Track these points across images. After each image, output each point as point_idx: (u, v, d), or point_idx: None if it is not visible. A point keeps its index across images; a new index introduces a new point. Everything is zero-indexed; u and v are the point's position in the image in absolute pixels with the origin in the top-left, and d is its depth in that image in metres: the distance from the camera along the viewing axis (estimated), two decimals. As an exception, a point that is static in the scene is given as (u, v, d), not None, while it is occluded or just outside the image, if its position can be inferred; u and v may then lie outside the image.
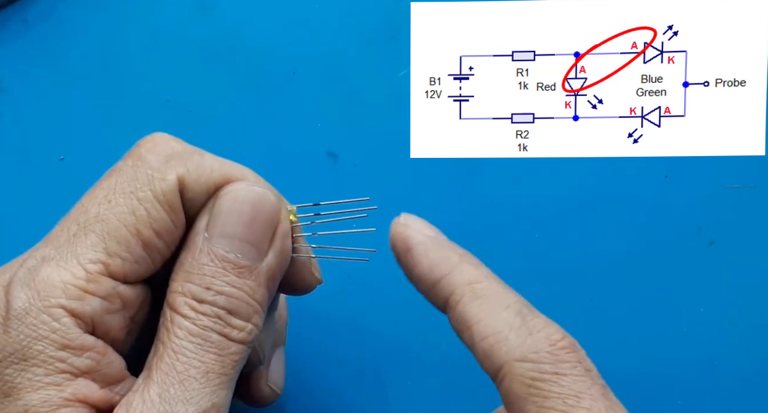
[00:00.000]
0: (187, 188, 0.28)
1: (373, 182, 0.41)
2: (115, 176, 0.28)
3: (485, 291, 0.27)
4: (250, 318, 0.28)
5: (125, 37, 0.43)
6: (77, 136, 0.42)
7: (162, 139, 0.29)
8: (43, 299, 0.26)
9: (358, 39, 0.42)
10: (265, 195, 0.28)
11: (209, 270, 0.27)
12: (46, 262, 0.27)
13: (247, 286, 0.27)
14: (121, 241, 0.27)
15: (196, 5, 0.43)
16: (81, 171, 0.41)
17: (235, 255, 0.27)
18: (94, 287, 0.26)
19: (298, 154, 0.41)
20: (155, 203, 0.27)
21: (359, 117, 0.41)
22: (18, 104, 0.42)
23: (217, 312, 0.27)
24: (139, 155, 0.28)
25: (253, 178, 0.29)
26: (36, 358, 0.26)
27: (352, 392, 0.39)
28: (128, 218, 0.27)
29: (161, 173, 0.28)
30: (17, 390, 0.26)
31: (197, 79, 0.42)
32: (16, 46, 0.43)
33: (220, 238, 0.27)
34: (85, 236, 0.27)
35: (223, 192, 0.28)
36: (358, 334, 0.39)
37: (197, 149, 0.29)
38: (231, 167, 0.29)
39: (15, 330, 0.26)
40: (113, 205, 0.27)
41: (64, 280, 0.26)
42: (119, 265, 0.27)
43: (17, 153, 0.42)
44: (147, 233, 0.27)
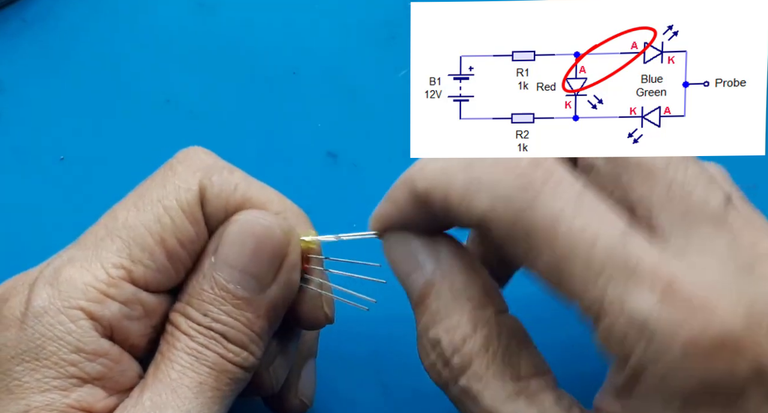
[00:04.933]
0: (207, 201, 0.28)
1: (373, 182, 0.41)
2: (146, 184, 0.29)
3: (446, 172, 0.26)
4: (246, 347, 0.28)
5: (125, 37, 0.43)
6: (77, 136, 0.42)
7: (195, 152, 0.29)
8: (63, 299, 0.26)
9: (358, 39, 0.42)
10: (271, 229, 0.28)
11: (208, 297, 0.27)
12: (71, 263, 0.27)
13: (243, 317, 0.28)
14: (146, 248, 0.27)
15: (196, 5, 0.43)
16: (81, 171, 0.41)
17: (234, 286, 0.27)
18: (114, 291, 0.27)
19: (298, 154, 0.41)
20: (180, 212, 0.28)
21: (359, 117, 0.41)
22: (18, 104, 0.42)
23: (213, 335, 0.27)
24: (171, 166, 0.29)
25: (277, 202, 0.29)
26: (48, 359, 0.26)
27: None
28: (153, 226, 0.27)
29: (187, 184, 0.28)
30: (23, 389, 0.26)
31: (197, 79, 0.42)
32: (16, 45, 0.43)
33: (224, 266, 0.28)
34: (111, 241, 0.27)
35: (233, 219, 0.28)
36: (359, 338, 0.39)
37: (228, 165, 0.29)
38: (255, 189, 0.29)
39: (31, 327, 0.26)
40: (140, 212, 0.28)
41: (85, 281, 0.26)
42: (141, 272, 0.27)
43: (17, 153, 0.42)
44: (171, 242, 0.27)
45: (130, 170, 0.41)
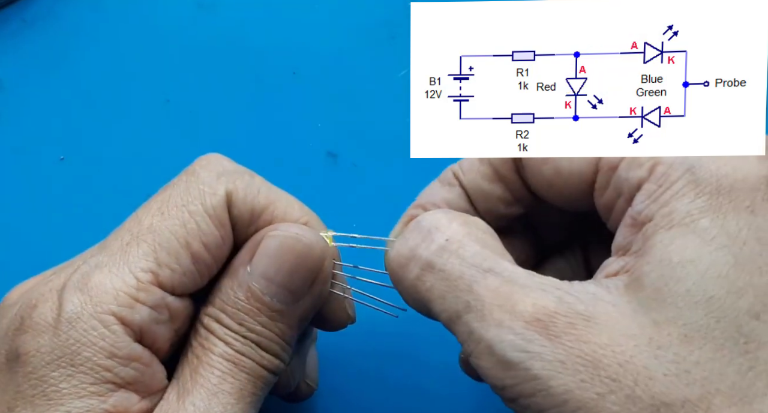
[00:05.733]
0: (234, 205, 0.28)
1: (373, 182, 0.41)
2: (169, 190, 0.29)
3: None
4: (278, 355, 0.29)
5: (125, 37, 0.43)
6: (77, 136, 0.42)
7: (216, 158, 0.30)
8: (95, 304, 0.26)
9: (358, 39, 0.42)
10: (311, 247, 0.28)
11: (243, 307, 0.28)
12: (99, 268, 0.27)
13: (277, 328, 0.28)
14: (172, 252, 0.27)
15: (196, 5, 0.43)
16: (81, 171, 0.41)
17: (270, 298, 0.28)
18: (144, 296, 0.27)
19: (298, 154, 0.41)
20: (205, 216, 0.28)
21: (359, 117, 0.41)
22: (18, 104, 0.42)
23: (249, 343, 0.28)
24: (192, 171, 0.29)
25: (298, 208, 0.30)
26: (84, 365, 0.26)
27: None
28: (179, 231, 0.28)
29: (212, 188, 0.28)
30: (61, 395, 0.26)
31: (197, 79, 0.42)
32: (16, 45, 0.43)
33: (261, 278, 0.28)
34: (137, 246, 0.27)
35: (272, 234, 0.28)
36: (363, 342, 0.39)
37: (247, 170, 0.30)
38: (277, 195, 0.30)
39: (66, 333, 0.26)
40: (165, 217, 0.28)
41: (116, 287, 0.27)
42: (168, 276, 0.27)
43: (17, 153, 0.42)
44: (196, 246, 0.28)
45: (130, 170, 0.41)
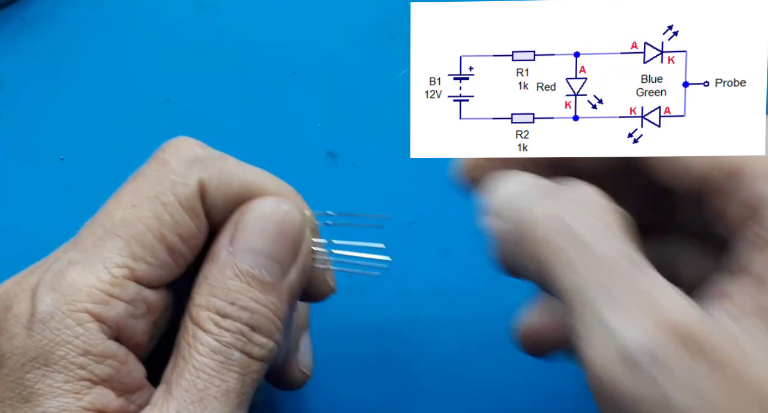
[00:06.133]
0: (207, 194, 0.28)
1: (373, 182, 0.41)
2: (139, 180, 0.28)
3: None
4: (272, 335, 0.28)
5: (125, 37, 0.43)
6: (77, 136, 0.42)
7: (185, 143, 0.29)
8: (68, 303, 0.26)
9: (358, 39, 0.42)
10: (291, 213, 0.28)
11: (234, 285, 0.27)
12: (72, 266, 0.27)
13: (270, 303, 0.28)
14: (146, 246, 0.27)
15: (196, 5, 0.43)
16: (81, 171, 0.41)
17: (259, 271, 0.27)
18: (119, 291, 0.26)
19: (298, 154, 0.41)
20: (178, 207, 0.27)
21: (359, 117, 0.41)
22: (18, 104, 0.42)
23: (240, 327, 0.27)
24: (162, 160, 0.28)
25: (273, 186, 0.29)
26: (58, 364, 0.26)
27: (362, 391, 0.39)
28: (153, 223, 0.27)
29: (184, 178, 0.28)
30: (37, 395, 0.25)
31: (197, 79, 0.42)
32: (16, 45, 0.43)
33: (246, 253, 0.27)
34: (110, 240, 0.27)
35: (250, 208, 0.28)
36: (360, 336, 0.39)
37: (221, 154, 0.29)
38: (252, 175, 0.29)
39: (39, 333, 0.26)
40: (138, 209, 0.27)
41: (89, 284, 0.26)
42: (144, 269, 0.27)
43: (17, 153, 0.42)
44: (172, 238, 0.27)
45: (130, 170, 0.41)
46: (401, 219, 0.40)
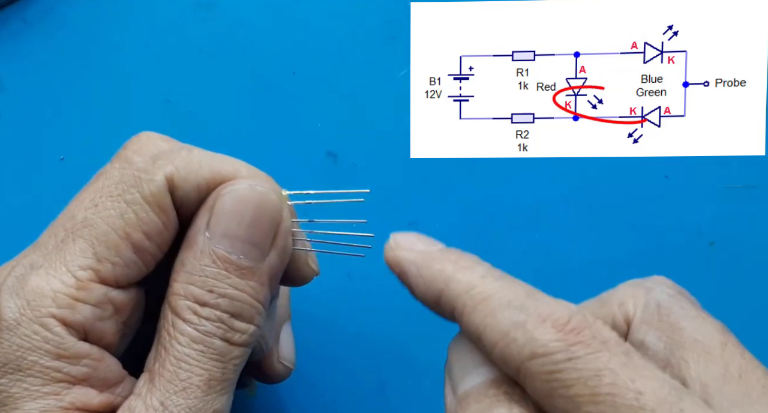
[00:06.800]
0: (177, 187, 0.27)
1: (373, 182, 0.41)
2: (101, 179, 0.28)
3: (483, 294, 0.25)
4: (253, 320, 0.27)
5: (125, 37, 0.43)
6: (77, 136, 0.42)
7: (148, 138, 0.29)
8: (33, 309, 0.26)
9: (358, 39, 0.42)
10: (268, 195, 0.28)
11: (211, 272, 0.27)
12: (35, 270, 0.26)
13: (249, 287, 0.27)
14: (111, 246, 0.26)
15: (196, 5, 0.43)
16: (81, 171, 0.41)
17: (237, 256, 0.27)
18: (84, 294, 0.26)
19: (298, 154, 0.41)
20: (144, 204, 0.27)
21: (359, 117, 0.41)
22: (18, 104, 0.42)
23: (219, 315, 0.27)
24: (125, 157, 0.28)
25: (245, 171, 0.28)
26: (31, 368, 0.25)
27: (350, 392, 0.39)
28: (116, 222, 0.27)
29: (149, 174, 0.27)
30: (14, 399, 0.25)
31: (197, 79, 0.42)
32: (16, 45, 0.43)
33: (222, 238, 0.27)
34: (73, 242, 0.27)
35: (225, 191, 0.27)
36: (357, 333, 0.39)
37: (185, 146, 0.29)
38: (221, 162, 0.28)
39: (7, 340, 0.25)
40: (100, 209, 0.27)
41: (54, 289, 0.26)
42: (110, 270, 0.26)
43: (17, 153, 0.42)
44: (137, 236, 0.27)
45: (130, 170, 0.41)
46: (401, 219, 0.40)
